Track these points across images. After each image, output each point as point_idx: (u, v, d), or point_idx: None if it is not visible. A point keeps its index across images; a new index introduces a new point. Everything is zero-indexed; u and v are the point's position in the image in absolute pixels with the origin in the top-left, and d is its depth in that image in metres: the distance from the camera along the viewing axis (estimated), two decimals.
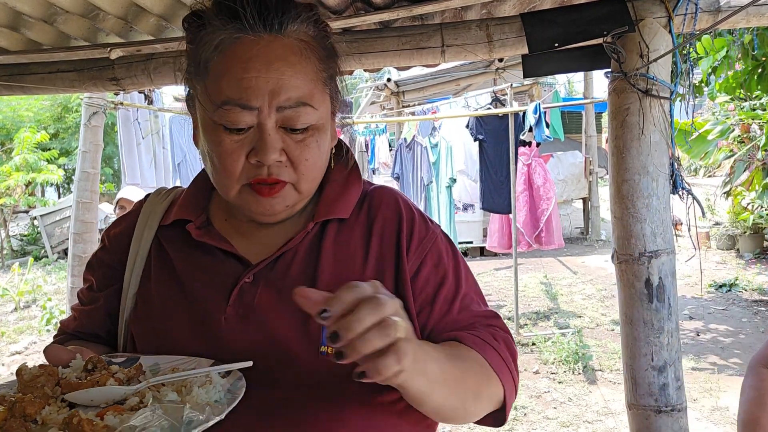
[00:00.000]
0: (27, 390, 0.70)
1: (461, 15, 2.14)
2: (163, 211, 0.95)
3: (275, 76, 0.78)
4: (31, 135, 10.51)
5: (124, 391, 0.72)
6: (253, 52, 0.78)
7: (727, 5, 1.89)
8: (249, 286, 0.85)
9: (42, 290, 8.31)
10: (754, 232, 8.23)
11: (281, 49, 0.79)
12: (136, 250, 0.93)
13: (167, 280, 0.89)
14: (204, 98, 0.81)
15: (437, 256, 0.90)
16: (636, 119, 1.86)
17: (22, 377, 0.72)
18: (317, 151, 0.83)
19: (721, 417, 3.88)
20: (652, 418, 1.86)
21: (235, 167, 0.80)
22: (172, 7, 2.07)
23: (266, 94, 0.77)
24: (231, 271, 0.86)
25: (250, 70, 0.77)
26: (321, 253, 0.86)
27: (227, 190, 0.83)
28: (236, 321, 0.83)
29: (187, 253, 0.90)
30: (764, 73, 4.69)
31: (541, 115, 5.63)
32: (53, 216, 11.52)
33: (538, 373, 4.74)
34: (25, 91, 2.51)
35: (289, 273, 0.85)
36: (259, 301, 0.84)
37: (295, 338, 0.81)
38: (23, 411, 0.66)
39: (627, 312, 1.91)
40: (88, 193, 5.12)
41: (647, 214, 1.86)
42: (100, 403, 0.71)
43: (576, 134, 12.46)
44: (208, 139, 0.82)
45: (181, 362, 0.80)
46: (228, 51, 0.79)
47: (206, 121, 0.82)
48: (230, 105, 0.77)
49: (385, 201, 0.92)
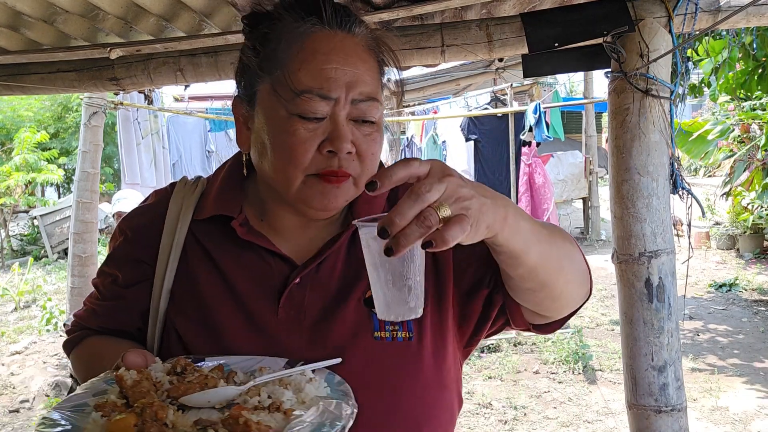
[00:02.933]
0: (135, 395, 0.69)
1: (461, 15, 2.14)
2: (194, 204, 0.94)
3: (352, 70, 0.81)
4: (31, 135, 10.50)
5: (238, 392, 0.73)
6: (332, 45, 0.82)
7: (727, 5, 1.89)
8: (296, 287, 0.87)
9: (42, 290, 8.31)
10: (754, 232, 8.23)
11: (354, 46, 0.84)
12: (169, 244, 0.91)
13: (213, 278, 0.89)
14: (281, 88, 0.82)
15: None
16: (636, 119, 1.86)
17: (125, 383, 0.71)
18: (380, 147, 0.86)
19: (721, 417, 3.88)
20: (652, 418, 1.85)
21: (305, 156, 0.81)
22: (172, 7, 2.07)
23: (343, 86, 0.80)
24: (277, 271, 0.88)
25: (331, 62, 0.80)
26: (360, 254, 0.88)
27: (290, 182, 0.83)
28: (288, 322, 0.86)
29: (230, 251, 0.90)
30: (764, 73, 4.69)
31: (541, 115, 5.63)
32: (53, 216, 11.51)
33: (538, 373, 4.74)
34: (25, 91, 2.51)
35: (334, 274, 0.88)
36: (309, 302, 0.86)
37: (347, 334, 0.85)
38: (155, 416, 0.65)
39: (627, 312, 1.91)
40: (88, 193, 5.12)
41: (647, 214, 1.86)
42: (215, 404, 0.72)
43: (576, 134, 12.47)
44: (276, 131, 0.82)
45: (255, 362, 0.81)
46: (306, 42, 0.82)
47: (276, 112, 0.82)
48: (310, 94, 0.79)
49: None
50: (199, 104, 8.78)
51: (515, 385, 4.52)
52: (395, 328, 0.86)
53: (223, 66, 2.28)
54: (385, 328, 0.86)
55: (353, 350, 0.84)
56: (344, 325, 0.86)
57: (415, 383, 0.86)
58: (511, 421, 3.96)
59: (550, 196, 6.93)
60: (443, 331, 0.90)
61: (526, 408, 4.13)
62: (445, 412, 0.89)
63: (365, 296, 0.87)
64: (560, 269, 0.82)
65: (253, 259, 0.89)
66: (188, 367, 0.77)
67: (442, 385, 0.88)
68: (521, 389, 4.44)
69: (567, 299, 0.87)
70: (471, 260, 0.90)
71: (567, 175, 10.61)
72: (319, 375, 0.78)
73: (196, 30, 2.16)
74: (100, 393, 0.74)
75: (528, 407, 4.14)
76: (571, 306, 0.89)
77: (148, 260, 0.93)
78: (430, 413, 0.86)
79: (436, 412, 0.87)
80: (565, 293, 0.86)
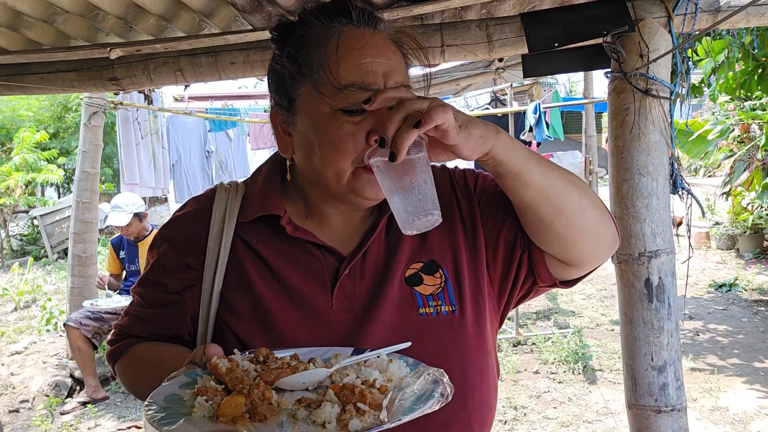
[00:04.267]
0: (232, 381, 0.74)
1: (461, 15, 2.14)
2: (238, 207, 0.97)
3: (385, 61, 0.87)
4: (30, 135, 10.50)
5: (329, 373, 0.77)
6: (364, 41, 0.88)
7: (727, 5, 1.89)
8: (347, 277, 0.92)
9: (42, 290, 8.30)
10: (754, 232, 8.23)
11: (382, 40, 0.90)
12: (216, 249, 0.95)
13: (264, 276, 0.93)
14: (322, 88, 0.86)
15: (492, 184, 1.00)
16: (636, 119, 1.86)
17: (220, 370, 0.75)
18: None
19: (721, 417, 3.88)
20: (652, 418, 1.86)
21: (354, 148, 0.85)
22: (172, 7, 2.07)
23: (381, 77, 0.86)
24: (326, 264, 0.93)
25: (366, 56, 0.86)
26: (397, 238, 0.94)
27: (340, 175, 0.87)
28: (342, 311, 0.91)
29: (278, 248, 0.94)
30: (764, 73, 4.69)
31: (541, 115, 5.63)
32: (53, 216, 11.50)
33: (538, 373, 4.74)
34: (25, 91, 2.51)
35: (378, 259, 0.94)
36: (359, 290, 0.92)
37: (395, 314, 0.90)
38: (262, 395, 0.70)
39: (627, 312, 1.91)
40: (88, 193, 5.13)
41: (647, 214, 1.86)
42: (309, 386, 0.77)
43: (576, 134, 12.47)
44: (323, 128, 0.87)
45: (322, 352, 0.84)
46: (340, 41, 0.87)
47: (321, 111, 0.87)
48: (353, 88, 0.85)
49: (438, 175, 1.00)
50: (198, 104, 8.79)
51: (515, 385, 4.52)
52: (438, 304, 0.92)
53: (223, 66, 2.28)
54: (428, 304, 0.91)
55: (402, 329, 0.89)
56: (392, 307, 0.91)
57: (462, 353, 0.91)
58: (511, 421, 3.96)
59: None
60: (481, 301, 0.95)
61: (526, 408, 4.13)
62: (489, 377, 0.95)
63: (405, 276, 0.93)
64: (570, 191, 0.87)
65: (301, 254, 0.93)
66: (270, 356, 0.81)
67: (485, 351, 0.94)
68: (521, 389, 4.44)
69: (589, 232, 0.91)
70: (499, 227, 0.96)
71: None
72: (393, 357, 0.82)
73: (196, 30, 2.16)
74: (188, 384, 0.78)
75: (528, 407, 4.14)
76: (597, 244, 0.93)
77: (196, 265, 0.95)
78: (478, 379, 0.92)
79: (483, 377, 0.93)
80: (586, 223, 0.90)
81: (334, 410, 0.69)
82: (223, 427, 0.68)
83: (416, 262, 0.94)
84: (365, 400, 0.69)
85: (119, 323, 1.03)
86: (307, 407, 0.71)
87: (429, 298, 0.92)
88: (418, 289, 0.92)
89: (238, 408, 0.69)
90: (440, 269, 0.94)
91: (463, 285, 0.93)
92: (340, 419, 0.68)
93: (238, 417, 0.68)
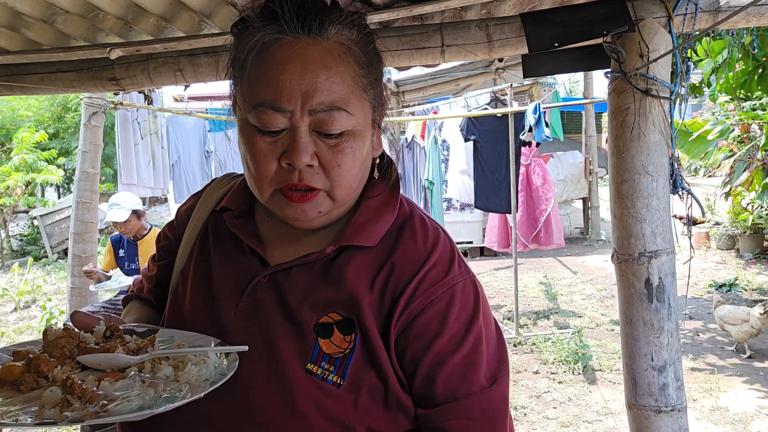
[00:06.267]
0: (49, 349, 0.77)
1: (461, 15, 2.14)
2: (219, 197, 0.99)
3: (310, 79, 0.78)
4: (29, 135, 10.51)
5: (127, 360, 0.76)
6: (290, 54, 0.78)
7: (727, 5, 1.89)
8: (263, 285, 0.86)
9: (42, 290, 8.31)
10: (754, 232, 8.23)
11: (319, 52, 0.79)
12: (190, 231, 0.99)
13: (203, 265, 0.94)
14: (241, 99, 0.82)
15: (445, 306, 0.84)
16: (636, 119, 1.86)
17: (47, 337, 0.78)
18: (352, 158, 0.82)
19: (721, 417, 3.88)
20: (652, 418, 1.85)
21: (267, 170, 0.81)
22: (172, 7, 2.07)
23: (299, 97, 0.77)
24: (252, 268, 0.89)
25: (285, 72, 0.78)
26: (329, 275, 0.85)
27: (260, 194, 0.84)
28: (243, 317, 0.86)
29: (223, 242, 0.94)
30: (764, 73, 4.69)
31: (541, 115, 5.62)
32: (53, 216, 11.51)
33: (538, 373, 4.74)
34: (25, 91, 2.51)
35: (299, 286, 0.85)
36: (269, 301, 0.85)
37: (284, 348, 0.82)
38: (37, 368, 0.73)
39: (627, 312, 1.91)
40: (88, 193, 5.12)
41: (647, 214, 1.86)
42: (107, 368, 0.76)
43: (576, 134, 12.46)
44: (243, 141, 0.83)
45: (191, 338, 0.85)
46: (266, 53, 0.79)
47: (243, 122, 0.83)
48: (264, 107, 0.78)
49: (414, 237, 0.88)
50: (198, 104, 8.77)
51: (515, 385, 4.52)
52: (330, 369, 0.81)
53: (223, 66, 2.28)
54: (320, 364, 0.81)
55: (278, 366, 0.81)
56: (286, 340, 0.82)
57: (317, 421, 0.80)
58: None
59: (550, 198, 6.92)
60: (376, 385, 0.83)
61: (526, 408, 4.12)
62: None
63: (318, 321, 0.83)
64: None
65: (237, 253, 0.92)
66: (116, 333, 0.83)
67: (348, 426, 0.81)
68: (521, 389, 4.44)
69: None
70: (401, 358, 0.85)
71: (567, 176, 10.62)
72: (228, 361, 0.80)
73: (196, 30, 2.16)
74: (32, 345, 0.81)
75: (528, 407, 4.14)
76: None
77: (177, 242, 1.01)
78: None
79: None
80: None
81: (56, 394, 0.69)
82: None
83: (336, 313, 0.83)
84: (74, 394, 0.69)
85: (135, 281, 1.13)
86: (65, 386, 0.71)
87: (325, 357, 0.81)
88: (321, 342, 0.81)
89: (12, 374, 0.73)
90: (354, 333, 0.82)
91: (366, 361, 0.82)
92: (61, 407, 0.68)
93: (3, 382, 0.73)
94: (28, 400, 0.70)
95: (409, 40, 2.05)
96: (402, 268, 0.85)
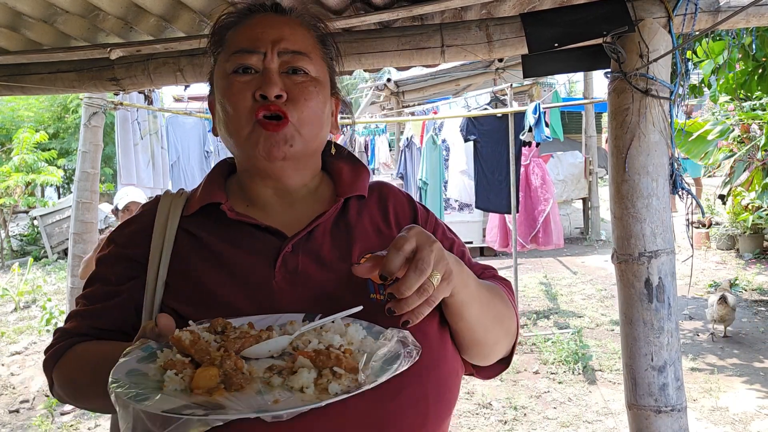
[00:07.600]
0: (199, 353, 0.73)
1: (461, 15, 2.14)
2: (182, 205, 1.02)
3: (278, 32, 0.95)
4: (29, 135, 10.51)
5: (292, 339, 0.78)
6: (265, 20, 0.98)
7: (727, 5, 1.89)
8: (290, 255, 0.93)
9: (42, 290, 8.31)
10: (754, 232, 8.23)
11: (285, 20, 0.99)
12: (160, 243, 0.97)
13: (208, 261, 0.94)
14: (222, 59, 0.97)
15: (443, 229, 1.07)
16: (636, 119, 1.86)
17: (184, 343, 0.74)
18: (316, 98, 0.95)
19: (721, 417, 3.88)
20: (651, 418, 1.86)
21: (244, 103, 0.92)
22: (172, 7, 2.07)
23: (269, 43, 0.94)
24: (269, 243, 0.94)
25: (258, 26, 0.96)
26: (350, 225, 0.98)
27: (240, 132, 0.93)
28: (285, 284, 0.91)
29: (222, 234, 0.96)
30: (764, 73, 4.69)
31: (541, 115, 5.62)
32: (53, 216, 11.51)
33: (538, 373, 4.74)
34: (25, 91, 2.51)
35: (325, 241, 0.96)
36: (303, 267, 0.92)
37: (343, 294, 0.90)
38: (234, 365, 0.71)
39: (627, 312, 1.91)
40: (88, 193, 5.12)
41: (647, 214, 1.86)
42: (275, 354, 0.77)
43: (576, 134, 12.47)
44: (222, 92, 0.95)
45: (273, 319, 0.84)
46: (241, 25, 0.98)
47: (222, 78, 0.96)
48: (241, 51, 0.94)
49: (392, 190, 1.08)
50: (198, 104, 8.78)
51: (515, 385, 4.52)
52: None
53: None
54: (380, 291, 0.90)
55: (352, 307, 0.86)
56: (341, 286, 0.91)
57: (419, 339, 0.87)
58: (511, 421, 3.96)
59: (548, 198, 6.91)
60: None
61: (526, 408, 4.13)
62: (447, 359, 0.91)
63: (359, 261, 0.93)
64: (492, 330, 0.94)
65: (245, 237, 0.95)
66: (228, 326, 0.80)
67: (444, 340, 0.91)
68: (521, 389, 4.44)
69: (492, 357, 1.00)
70: None
71: (567, 176, 10.62)
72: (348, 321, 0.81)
73: (196, 30, 2.16)
74: (145, 358, 0.75)
75: (528, 407, 4.14)
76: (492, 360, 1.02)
77: (138, 257, 0.97)
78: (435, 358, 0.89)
79: (440, 358, 0.90)
80: (492, 353, 0.99)
81: (311, 375, 0.70)
82: (201, 398, 0.67)
83: (369, 252, 0.94)
84: (341, 363, 0.70)
85: (60, 328, 1.00)
86: (279, 374, 0.72)
87: (381, 287, 0.90)
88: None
89: (212, 379, 0.69)
90: None
91: None
92: (318, 384, 0.69)
93: (213, 388, 0.68)
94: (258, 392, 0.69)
95: (409, 40, 2.05)
96: (404, 213, 1.04)
